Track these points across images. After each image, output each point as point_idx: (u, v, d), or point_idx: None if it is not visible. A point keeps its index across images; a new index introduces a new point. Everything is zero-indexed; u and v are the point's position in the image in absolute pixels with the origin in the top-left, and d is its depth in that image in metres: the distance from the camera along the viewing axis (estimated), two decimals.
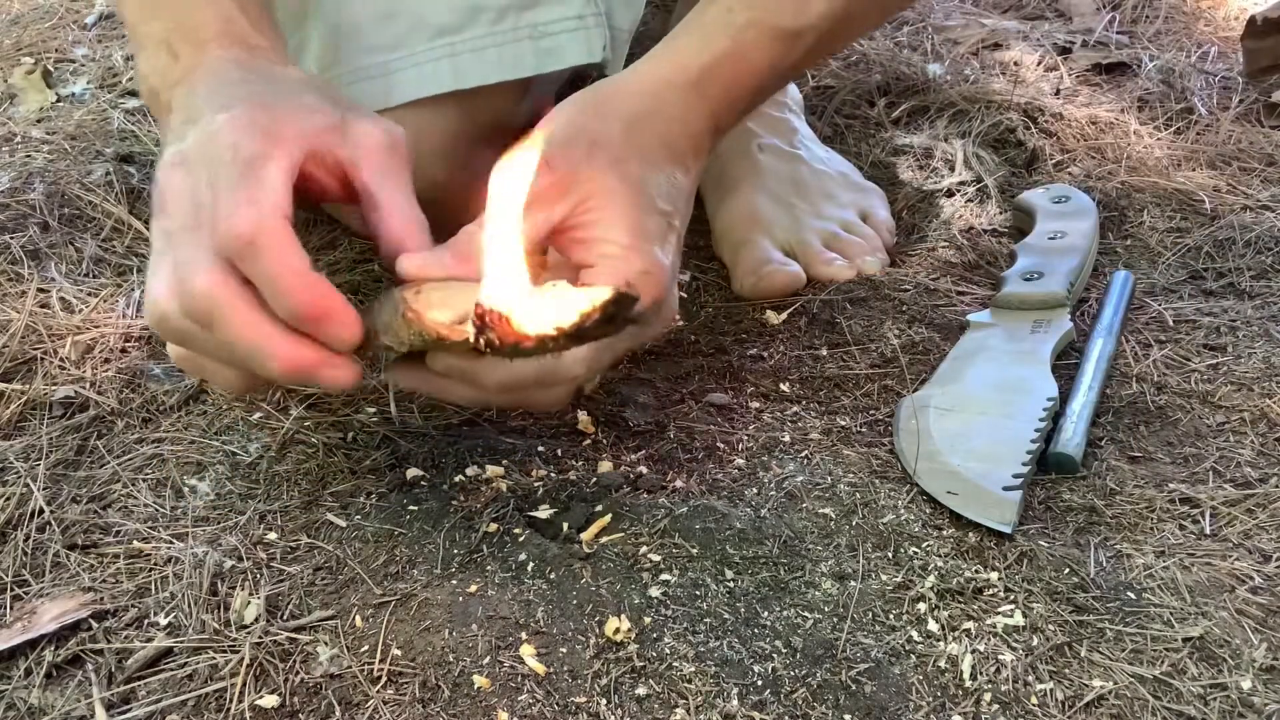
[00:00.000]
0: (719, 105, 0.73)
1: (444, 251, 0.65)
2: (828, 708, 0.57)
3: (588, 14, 0.91)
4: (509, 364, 0.62)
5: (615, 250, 0.65)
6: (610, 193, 0.66)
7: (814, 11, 0.73)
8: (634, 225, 0.66)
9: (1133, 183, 1.07)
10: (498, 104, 0.95)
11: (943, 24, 1.42)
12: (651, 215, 0.68)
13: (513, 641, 0.60)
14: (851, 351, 0.85)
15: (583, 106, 0.71)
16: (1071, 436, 0.73)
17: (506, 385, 0.64)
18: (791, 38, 0.74)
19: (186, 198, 0.61)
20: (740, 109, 0.76)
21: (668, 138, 0.71)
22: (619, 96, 0.72)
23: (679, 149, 0.71)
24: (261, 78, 0.67)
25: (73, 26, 1.50)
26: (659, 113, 0.71)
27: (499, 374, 0.63)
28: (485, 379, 0.63)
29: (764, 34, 0.73)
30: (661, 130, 0.71)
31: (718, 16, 0.74)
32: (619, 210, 0.66)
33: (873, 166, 1.13)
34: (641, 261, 0.65)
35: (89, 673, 0.59)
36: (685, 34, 0.74)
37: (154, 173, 0.64)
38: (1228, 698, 0.57)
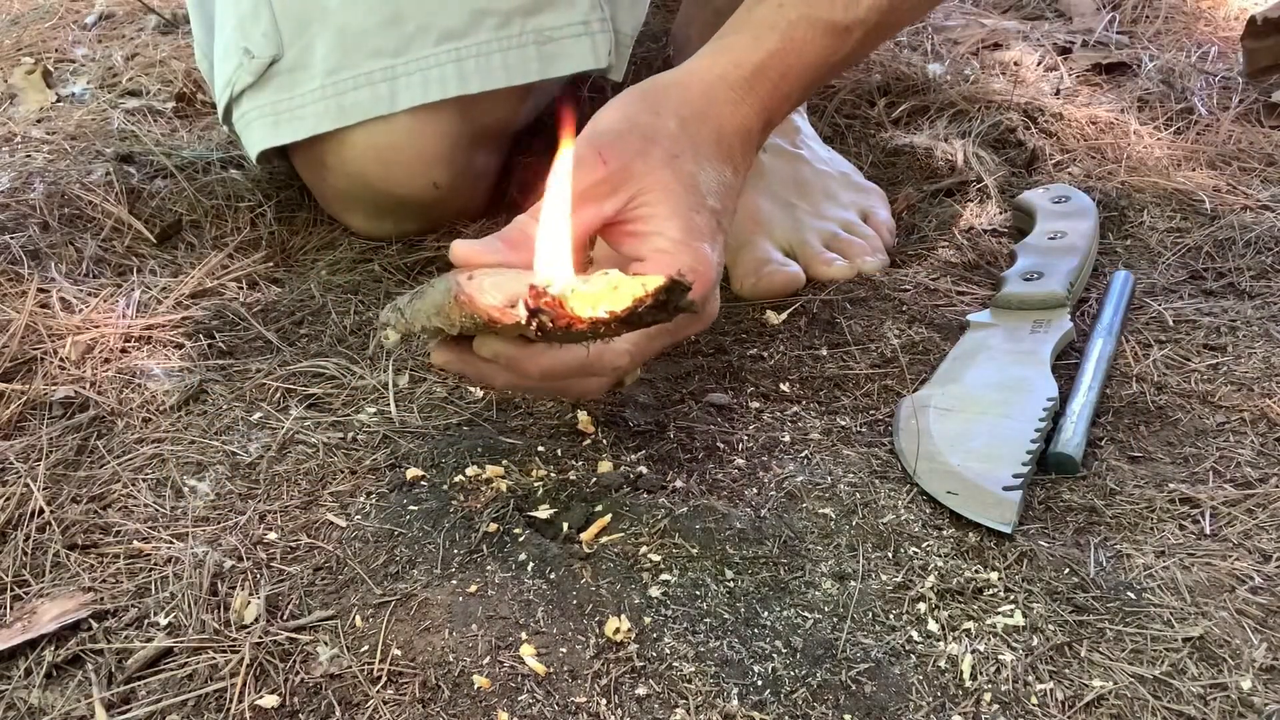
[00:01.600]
0: (770, 101, 0.74)
1: (495, 240, 0.66)
2: (828, 708, 0.57)
3: (593, 19, 0.91)
4: (553, 351, 0.63)
5: (666, 245, 0.66)
6: (664, 188, 0.67)
7: (863, 5, 0.74)
8: (685, 222, 0.67)
9: (1133, 183, 1.07)
10: (500, 108, 0.95)
11: (943, 24, 1.42)
12: (702, 212, 0.69)
13: (513, 641, 0.60)
14: (851, 351, 0.85)
15: (637, 101, 0.72)
16: (1071, 436, 0.73)
17: (549, 373, 0.64)
18: (842, 32, 0.74)
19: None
20: (791, 103, 0.77)
21: (720, 135, 0.72)
22: (673, 93, 0.72)
23: (730, 147, 0.72)
24: None
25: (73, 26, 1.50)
26: (712, 111, 0.72)
27: (543, 361, 0.64)
28: (529, 366, 0.64)
29: (815, 29, 0.74)
30: (714, 128, 0.72)
31: (768, 14, 0.74)
32: (672, 206, 0.67)
33: (873, 166, 1.13)
34: (691, 257, 0.66)
35: (89, 673, 0.59)
36: (736, 31, 0.75)
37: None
38: (1228, 698, 0.57)
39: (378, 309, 0.91)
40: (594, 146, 0.67)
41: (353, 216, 1.02)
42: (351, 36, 0.91)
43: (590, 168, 0.66)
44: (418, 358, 0.85)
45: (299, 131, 0.93)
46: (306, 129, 0.93)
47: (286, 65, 0.93)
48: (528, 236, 0.64)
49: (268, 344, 0.87)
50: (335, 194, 1.00)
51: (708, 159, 0.71)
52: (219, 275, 0.95)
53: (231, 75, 0.95)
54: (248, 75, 0.93)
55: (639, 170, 0.67)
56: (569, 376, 0.66)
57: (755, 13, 0.75)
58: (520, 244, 0.65)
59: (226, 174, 1.09)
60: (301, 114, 0.93)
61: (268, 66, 0.93)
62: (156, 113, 1.23)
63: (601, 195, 0.67)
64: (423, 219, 1.00)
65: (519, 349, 0.63)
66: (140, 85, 1.31)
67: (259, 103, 0.95)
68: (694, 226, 0.68)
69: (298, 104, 0.93)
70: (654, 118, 0.70)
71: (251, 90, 0.94)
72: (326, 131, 0.92)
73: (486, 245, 0.65)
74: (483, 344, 0.64)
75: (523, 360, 0.64)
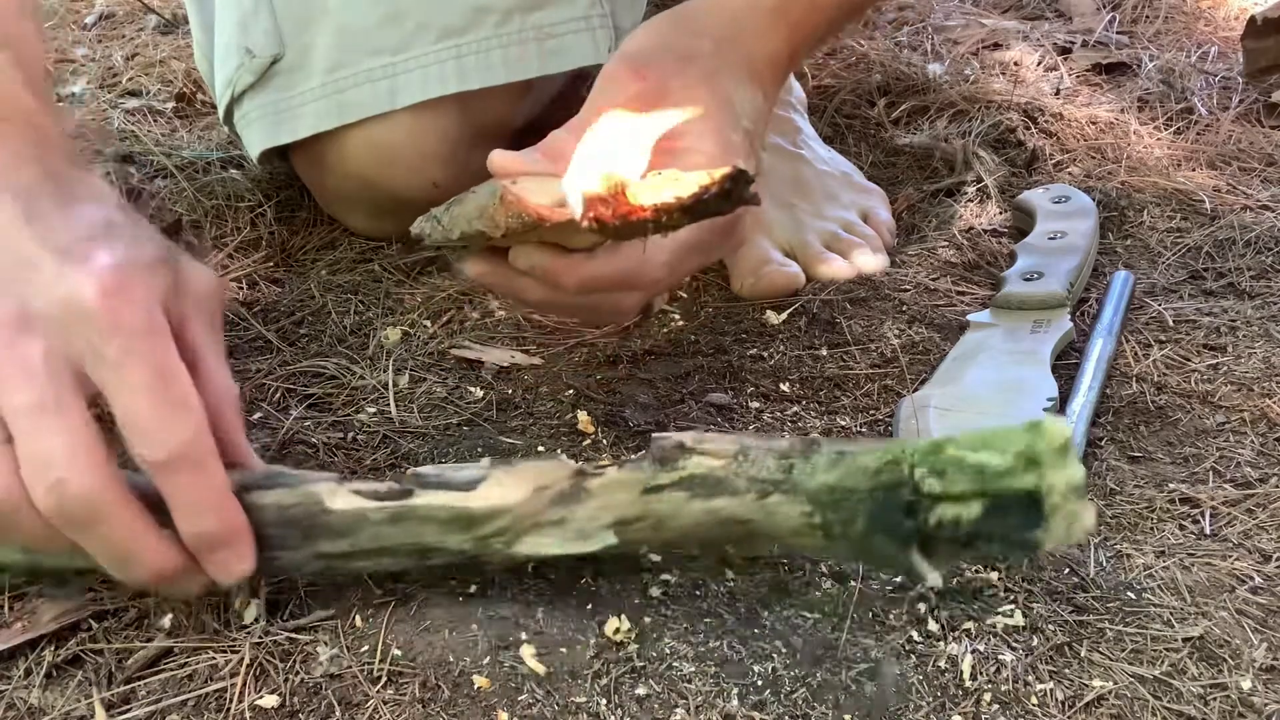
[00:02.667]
0: (797, 34, 0.75)
1: (534, 151, 0.66)
2: (828, 708, 0.57)
3: (593, 15, 0.91)
4: (593, 262, 0.61)
5: (704, 161, 0.66)
6: (702, 103, 0.67)
7: None
8: (722, 139, 0.67)
9: (1133, 183, 1.07)
10: (500, 106, 0.95)
11: (943, 24, 1.42)
12: (737, 131, 0.69)
13: (513, 641, 0.60)
14: (851, 351, 0.85)
15: (670, 23, 0.72)
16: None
17: (586, 284, 0.64)
18: None
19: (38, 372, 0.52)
20: (815, 39, 0.78)
21: (751, 59, 0.72)
22: (706, 15, 0.73)
23: (761, 72, 0.73)
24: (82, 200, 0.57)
25: (73, 26, 1.50)
26: (743, 35, 0.73)
27: (582, 272, 0.63)
28: (567, 278, 0.63)
29: None
30: (746, 52, 0.72)
31: None
32: (709, 123, 0.67)
33: (873, 166, 1.13)
34: None
35: (89, 673, 0.59)
36: None
37: None
38: (1228, 698, 0.57)
39: (378, 309, 0.91)
40: (630, 63, 0.68)
41: (353, 216, 1.02)
42: (351, 35, 0.91)
43: (628, 81, 0.67)
44: (418, 357, 0.85)
45: (299, 130, 0.93)
46: (307, 128, 0.93)
47: (287, 64, 0.93)
48: (566, 150, 0.63)
49: (268, 344, 0.87)
50: (335, 194, 1.00)
51: (742, 80, 0.71)
52: (219, 275, 0.95)
53: (232, 75, 0.95)
54: (249, 75, 0.93)
55: (676, 86, 0.68)
56: (605, 290, 0.65)
57: None
58: (559, 156, 0.65)
59: (226, 174, 1.09)
60: (302, 113, 0.93)
61: (269, 66, 0.93)
62: (156, 113, 1.23)
63: (640, 108, 0.66)
64: None
65: (557, 259, 0.62)
66: (140, 85, 1.31)
67: (260, 102, 0.94)
68: (730, 144, 0.68)
69: (298, 103, 0.93)
70: (690, 38, 0.71)
71: (252, 90, 0.94)
72: (327, 131, 0.92)
73: (527, 156, 0.65)
74: (520, 254, 0.63)
75: (561, 272, 0.63)
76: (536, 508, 0.58)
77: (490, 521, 0.58)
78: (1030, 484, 0.53)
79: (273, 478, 0.59)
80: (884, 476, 0.55)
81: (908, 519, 0.55)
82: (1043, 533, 0.53)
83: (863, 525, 0.55)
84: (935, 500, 0.54)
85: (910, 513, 0.55)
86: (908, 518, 0.55)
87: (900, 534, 0.55)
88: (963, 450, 0.54)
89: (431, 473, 0.59)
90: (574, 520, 0.58)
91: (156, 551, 0.54)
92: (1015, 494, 0.53)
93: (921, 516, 0.54)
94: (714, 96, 0.68)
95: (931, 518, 0.54)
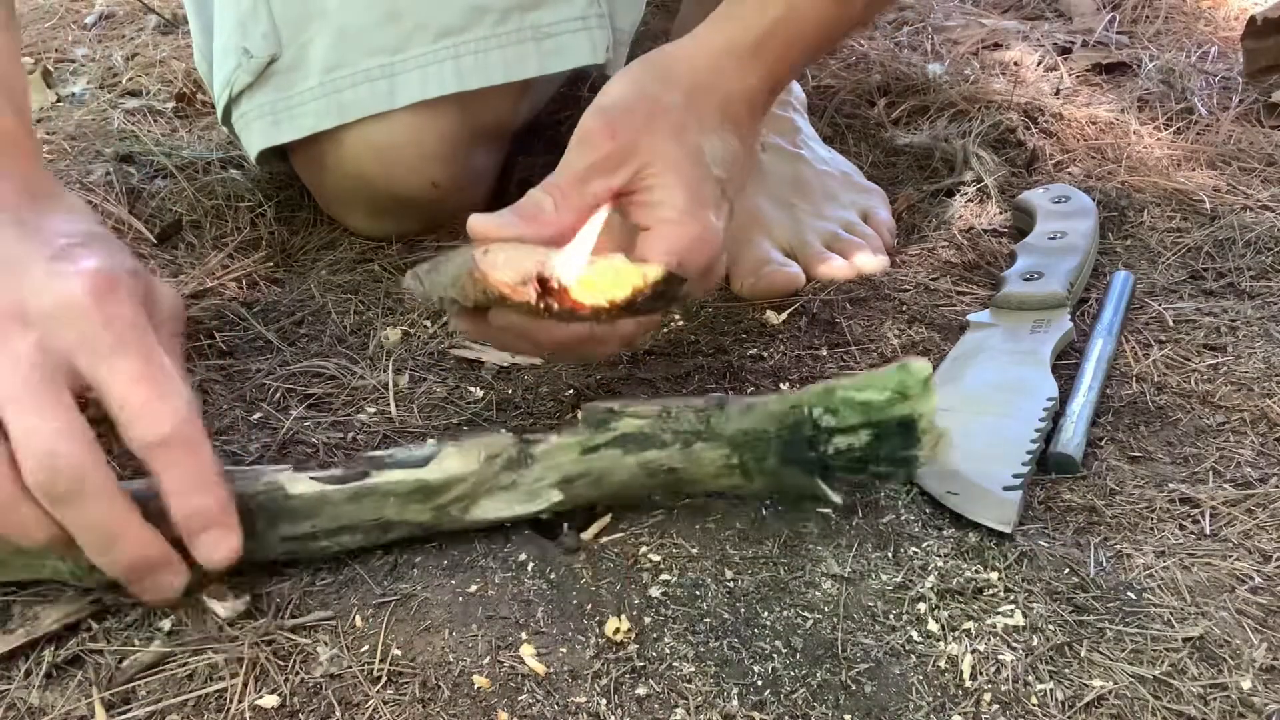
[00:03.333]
0: (777, 68, 0.76)
1: (510, 214, 0.68)
2: (828, 708, 0.57)
3: (591, 15, 0.91)
4: (565, 325, 0.66)
5: (672, 215, 0.69)
6: (669, 160, 0.70)
7: None
8: (690, 192, 0.70)
9: (1133, 183, 1.07)
10: (498, 105, 0.95)
11: (943, 24, 1.42)
12: (707, 182, 0.71)
13: (513, 641, 0.60)
14: (851, 351, 0.85)
15: (645, 73, 0.74)
16: (1071, 436, 0.73)
17: (562, 343, 0.68)
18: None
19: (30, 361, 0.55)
20: (797, 69, 0.80)
21: (726, 104, 0.74)
22: (680, 64, 0.75)
23: (736, 114, 0.75)
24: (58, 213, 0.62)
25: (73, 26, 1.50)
26: (718, 81, 0.74)
27: (555, 333, 0.67)
28: (541, 337, 0.67)
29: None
30: (721, 99, 0.74)
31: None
32: (677, 177, 0.70)
33: (873, 166, 1.13)
34: (696, 227, 0.69)
35: (89, 673, 0.59)
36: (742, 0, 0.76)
37: None
38: (1228, 698, 0.57)
39: (378, 309, 0.91)
40: (603, 119, 0.70)
41: (352, 216, 1.02)
42: (349, 34, 0.91)
43: (600, 140, 0.70)
44: (418, 357, 0.85)
45: (298, 130, 0.93)
46: (306, 127, 0.93)
47: (285, 64, 0.93)
48: (541, 210, 0.68)
49: (268, 344, 0.87)
50: (335, 194, 1.00)
51: (713, 130, 0.73)
52: (219, 275, 0.95)
53: (230, 75, 0.95)
54: (246, 75, 0.93)
55: (645, 143, 0.70)
56: (580, 346, 0.70)
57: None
58: (534, 217, 0.68)
59: (226, 174, 1.09)
60: (300, 113, 0.93)
61: (266, 66, 0.93)
62: (156, 113, 1.23)
63: (611, 167, 0.69)
64: (422, 218, 1.00)
65: (532, 322, 0.65)
66: (140, 85, 1.31)
67: (258, 102, 0.94)
68: (699, 196, 0.70)
69: (296, 103, 0.93)
70: (661, 89, 0.72)
71: (250, 90, 0.94)
72: (325, 130, 0.92)
73: (502, 220, 0.67)
74: (497, 315, 0.67)
75: (536, 332, 0.67)
76: (489, 474, 0.64)
77: (448, 490, 0.63)
78: (905, 411, 0.64)
79: (230, 473, 0.62)
80: (788, 419, 0.64)
81: (810, 451, 0.64)
82: (917, 450, 0.64)
83: (774, 461, 0.65)
84: (831, 433, 0.64)
85: (812, 446, 0.64)
86: (810, 450, 0.64)
87: (806, 465, 0.65)
88: (849, 391, 0.64)
89: (384, 455, 0.64)
90: (523, 483, 0.65)
91: (139, 535, 0.57)
92: (894, 421, 0.64)
93: (821, 448, 0.64)
94: (682, 149, 0.70)
95: (830, 448, 0.64)
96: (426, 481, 0.63)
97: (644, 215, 0.70)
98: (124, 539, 0.56)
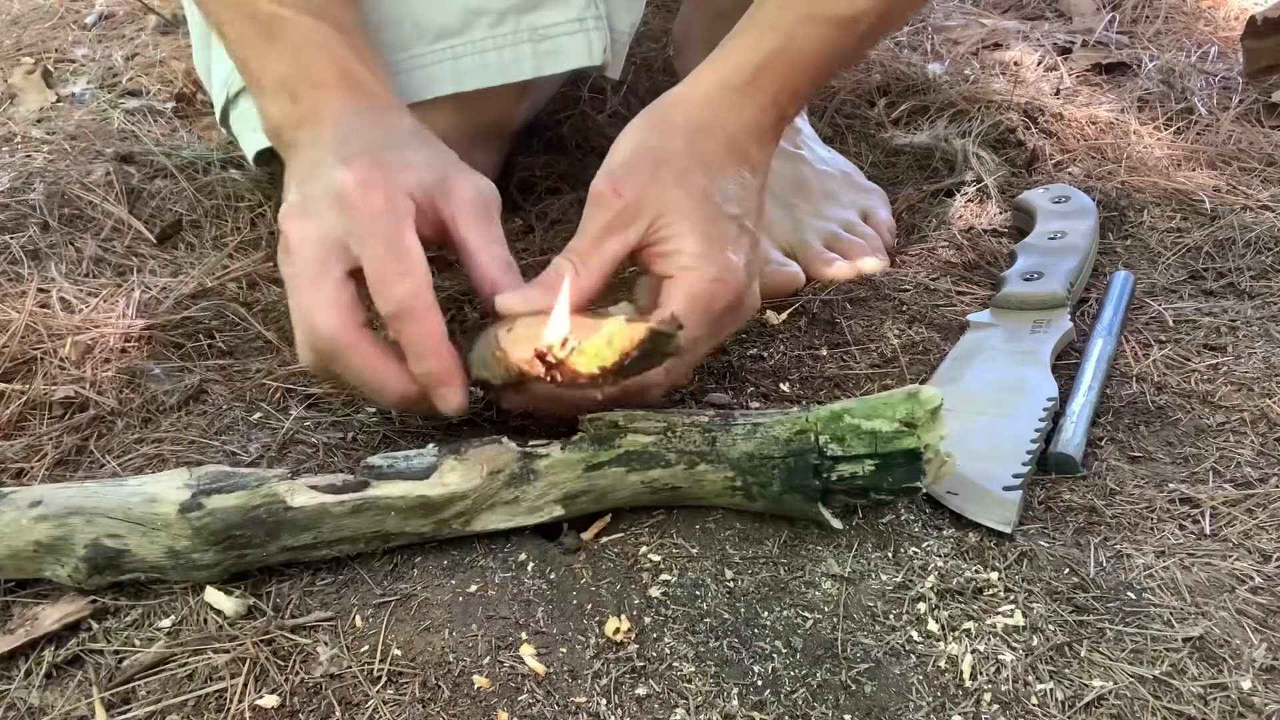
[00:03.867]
0: (780, 96, 0.76)
1: (533, 288, 0.70)
2: (828, 708, 0.57)
3: (588, 16, 0.91)
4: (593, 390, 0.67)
5: (689, 261, 0.70)
6: (677, 208, 0.71)
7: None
8: (704, 234, 0.71)
9: (1133, 183, 1.07)
10: (496, 106, 0.95)
11: (943, 24, 1.42)
12: (719, 221, 0.72)
13: (513, 641, 0.60)
14: (851, 351, 0.85)
15: (645, 127, 0.75)
16: (1071, 436, 0.73)
17: (597, 406, 0.68)
18: (848, 24, 0.76)
19: (311, 245, 0.67)
20: (803, 96, 0.79)
21: (731, 141, 0.74)
22: (679, 108, 0.75)
23: (743, 149, 0.75)
24: (377, 127, 0.73)
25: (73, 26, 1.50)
26: (719, 118, 0.74)
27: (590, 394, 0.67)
28: (576, 401, 0.68)
29: (818, 24, 0.75)
30: (723, 136, 0.74)
31: (770, 14, 0.76)
32: (688, 224, 0.71)
33: (873, 166, 1.13)
34: (713, 269, 0.70)
35: (89, 673, 0.59)
36: (740, 34, 0.77)
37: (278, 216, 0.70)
38: (1228, 698, 0.57)
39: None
40: (609, 180, 0.72)
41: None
42: None
43: (609, 200, 0.71)
44: None
45: None
46: None
47: None
48: (562, 278, 0.70)
49: (268, 344, 0.87)
50: None
51: (719, 167, 0.73)
52: (219, 275, 0.95)
53: (228, 75, 0.95)
54: None
55: (652, 195, 0.71)
56: (624, 398, 0.70)
57: (758, 15, 0.77)
58: (558, 286, 0.69)
59: (226, 174, 1.09)
60: None
61: None
62: (156, 113, 1.23)
63: (624, 225, 0.71)
64: None
65: (560, 392, 0.66)
66: (140, 85, 1.31)
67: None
68: (713, 237, 0.71)
69: None
70: (661, 139, 0.73)
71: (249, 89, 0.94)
72: None
73: (525, 296, 0.69)
74: (531, 387, 0.68)
75: (568, 398, 0.68)
76: (491, 489, 0.64)
77: (450, 506, 0.64)
78: (911, 444, 0.63)
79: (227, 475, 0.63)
80: (794, 444, 0.64)
81: (815, 479, 0.64)
82: (921, 480, 0.64)
83: (778, 487, 0.65)
84: (836, 461, 0.64)
85: (816, 473, 0.64)
86: (814, 477, 0.64)
87: (809, 492, 0.64)
88: (857, 418, 0.64)
89: (383, 463, 0.65)
90: (525, 499, 0.65)
91: (396, 380, 0.68)
92: (899, 452, 0.63)
93: (825, 475, 0.64)
94: (690, 196, 0.71)
95: (833, 475, 0.64)
96: (428, 497, 0.63)
97: (663, 265, 0.71)
98: (383, 384, 0.68)
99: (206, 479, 0.62)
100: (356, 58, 0.75)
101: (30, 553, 0.61)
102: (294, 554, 0.63)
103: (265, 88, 0.76)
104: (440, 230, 0.72)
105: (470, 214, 0.72)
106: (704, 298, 0.70)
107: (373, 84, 0.76)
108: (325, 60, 0.74)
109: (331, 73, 0.74)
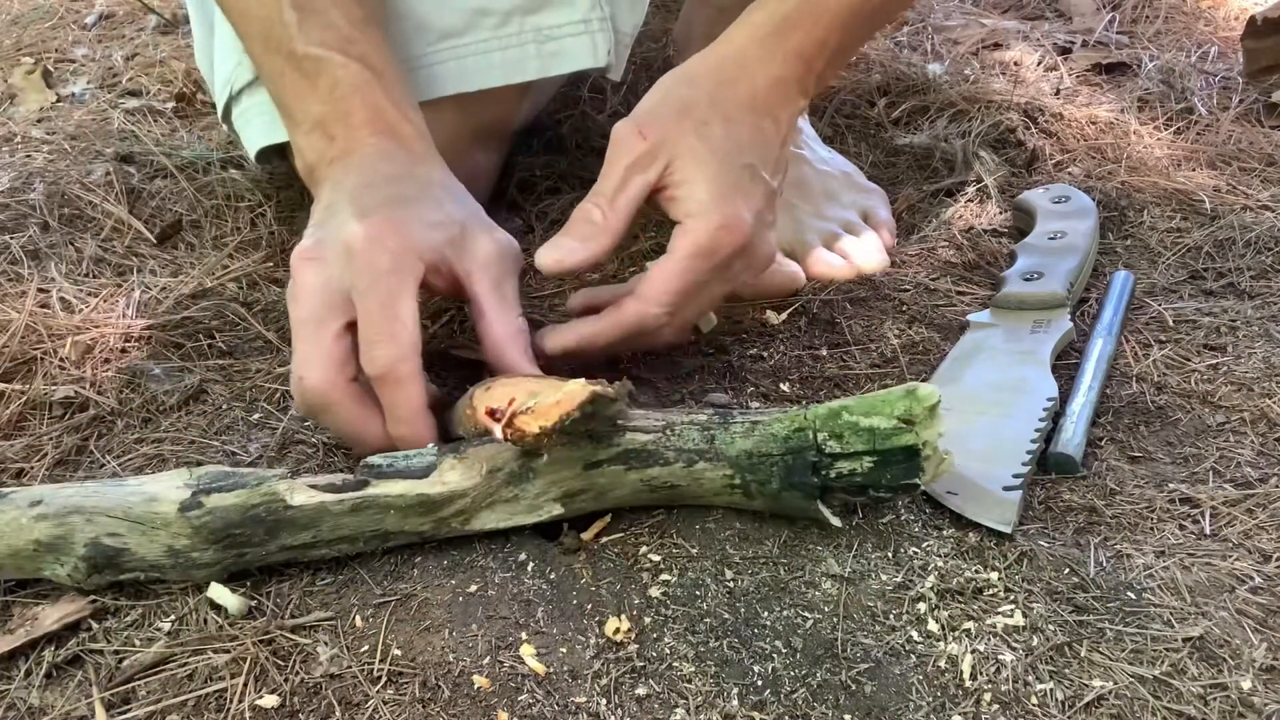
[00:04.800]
0: (805, 48, 0.78)
1: (565, 237, 0.74)
2: (828, 708, 0.57)
3: (592, 18, 0.91)
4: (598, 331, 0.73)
5: (696, 207, 0.73)
6: (692, 154, 0.74)
7: None
8: (714, 182, 0.73)
9: (1133, 183, 1.07)
10: (498, 107, 0.95)
11: (943, 24, 1.42)
12: (732, 169, 0.74)
13: (513, 641, 0.60)
14: (851, 351, 0.85)
15: (671, 79, 0.79)
16: (1071, 436, 0.73)
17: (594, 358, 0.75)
18: None
19: (315, 293, 0.69)
20: (830, 49, 0.80)
21: (753, 92, 0.77)
22: (705, 63, 0.79)
23: (766, 100, 0.78)
24: (403, 176, 0.74)
25: (73, 26, 1.50)
26: (744, 72, 0.77)
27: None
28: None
29: None
30: (747, 87, 0.77)
31: None
32: (699, 170, 0.74)
33: (873, 166, 1.13)
34: (717, 218, 0.73)
35: (89, 673, 0.59)
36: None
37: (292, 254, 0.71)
38: (1228, 698, 0.57)
39: None
40: (633, 123, 0.75)
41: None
42: None
43: (633, 142, 0.74)
44: None
45: None
46: None
47: None
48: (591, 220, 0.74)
49: (268, 344, 0.87)
50: None
51: (738, 119, 0.76)
52: (219, 275, 0.95)
53: (231, 73, 0.95)
54: (247, 72, 0.93)
55: (671, 138, 0.74)
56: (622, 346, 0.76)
57: None
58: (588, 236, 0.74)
59: (226, 174, 1.09)
60: None
61: None
62: (156, 113, 1.23)
63: (645, 164, 0.74)
64: None
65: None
66: (140, 85, 1.31)
67: (258, 100, 0.94)
68: (723, 186, 0.74)
69: None
70: (688, 89, 0.77)
71: (250, 87, 0.94)
72: None
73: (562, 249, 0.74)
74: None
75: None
76: (491, 488, 0.64)
77: (449, 504, 0.64)
78: (909, 441, 0.63)
79: (227, 474, 0.63)
80: (793, 442, 0.64)
81: (813, 476, 0.64)
82: (919, 478, 0.64)
83: (777, 484, 0.65)
84: (835, 458, 0.64)
85: (815, 470, 0.64)
86: (813, 474, 0.64)
87: (807, 489, 0.64)
88: (855, 415, 0.64)
89: (382, 462, 0.65)
90: (525, 497, 0.65)
91: (375, 437, 0.69)
92: (898, 449, 0.63)
93: (824, 472, 0.64)
94: (705, 143, 0.74)
95: (832, 473, 0.64)
96: (428, 495, 0.63)
97: (673, 210, 0.74)
98: (363, 439, 0.69)
99: (206, 479, 0.62)
100: (391, 102, 0.77)
101: (30, 552, 0.61)
102: (293, 553, 0.63)
103: (301, 125, 0.77)
104: (455, 286, 0.73)
105: (485, 273, 0.73)
106: (708, 244, 0.73)
107: (405, 129, 0.77)
108: (359, 102, 0.75)
109: (365, 115, 0.75)
